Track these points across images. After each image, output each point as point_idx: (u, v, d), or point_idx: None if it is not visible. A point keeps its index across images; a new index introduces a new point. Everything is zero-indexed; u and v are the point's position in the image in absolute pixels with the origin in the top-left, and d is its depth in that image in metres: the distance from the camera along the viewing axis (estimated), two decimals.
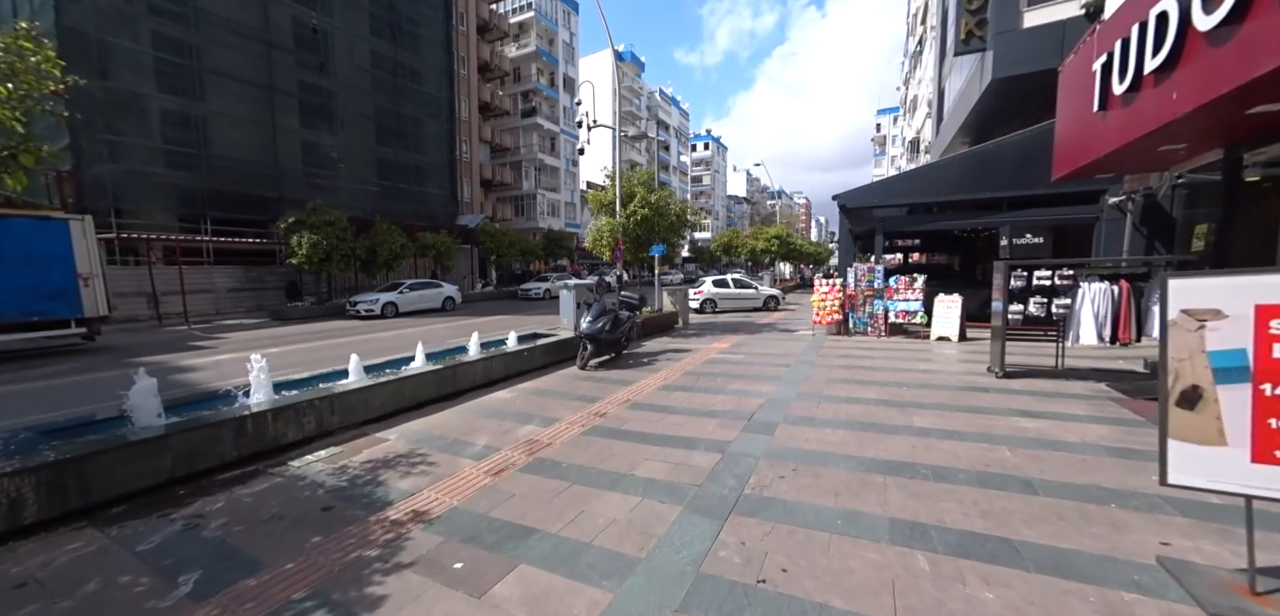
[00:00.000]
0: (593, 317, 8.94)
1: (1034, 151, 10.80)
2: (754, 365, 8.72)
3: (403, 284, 21.35)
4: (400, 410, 6.14)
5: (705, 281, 19.92)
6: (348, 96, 28.84)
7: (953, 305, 10.43)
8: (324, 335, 14.70)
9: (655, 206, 12.68)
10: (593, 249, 12.94)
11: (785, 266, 43.46)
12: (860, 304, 11.68)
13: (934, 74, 25.72)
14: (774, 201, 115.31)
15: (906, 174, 12.11)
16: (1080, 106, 6.61)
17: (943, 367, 8.03)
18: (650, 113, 72.75)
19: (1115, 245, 10.29)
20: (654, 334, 13.13)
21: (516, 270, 41.61)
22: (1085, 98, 6.31)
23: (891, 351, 9.62)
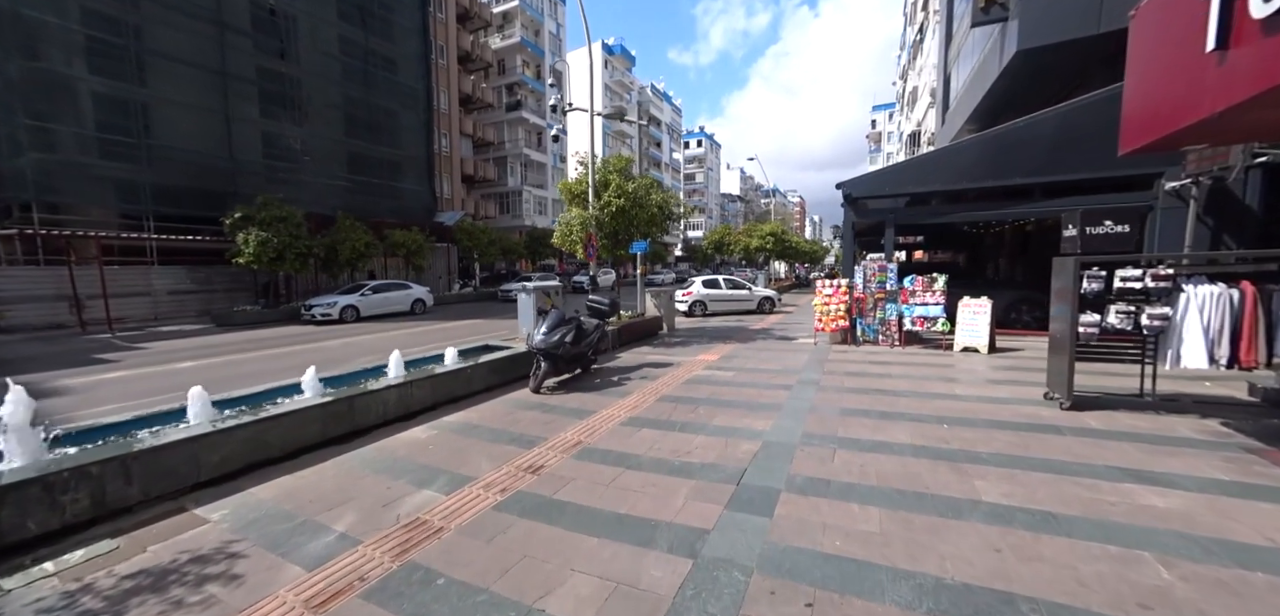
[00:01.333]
0: (548, 328, 7.27)
1: (1073, 130, 9.25)
2: (747, 386, 7.08)
3: (366, 285, 19.54)
4: (262, 463, 4.44)
5: (694, 282, 18.28)
6: (314, 85, 26.92)
7: (980, 310, 8.85)
8: (264, 344, 12.90)
9: (633, 196, 11.02)
10: (561, 245, 11.29)
11: (780, 265, 41.95)
12: (870, 308, 10.08)
13: (938, 60, 24.24)
14: (768, 200, 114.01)
15: (921, 159, 10.52)
16: (1172, 55, 5.00)
17: (984, 392, 6.42)
18: (641, 108, 71.06)
19: (1174, 239, 8.76)
20: (633, 342, 11.47)
21: (501, 270, 39.82)
22: (1184, 40, 4.69)
23: (912, 367, 8.02)
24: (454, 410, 6.21)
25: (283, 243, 17.64)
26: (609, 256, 12.33)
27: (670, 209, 12.08)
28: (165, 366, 10.18)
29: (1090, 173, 9.20)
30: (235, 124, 23.10)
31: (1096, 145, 9.15)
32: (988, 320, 8.75)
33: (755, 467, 4.21)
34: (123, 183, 19.67)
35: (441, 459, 4.65)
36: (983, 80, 15.49)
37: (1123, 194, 9.14)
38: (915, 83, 34.18)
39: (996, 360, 8.26)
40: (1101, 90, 8.97)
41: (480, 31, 45.89)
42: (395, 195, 31.16)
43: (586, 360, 8.25)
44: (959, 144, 10.20)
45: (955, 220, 10.60)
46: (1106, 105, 9.03)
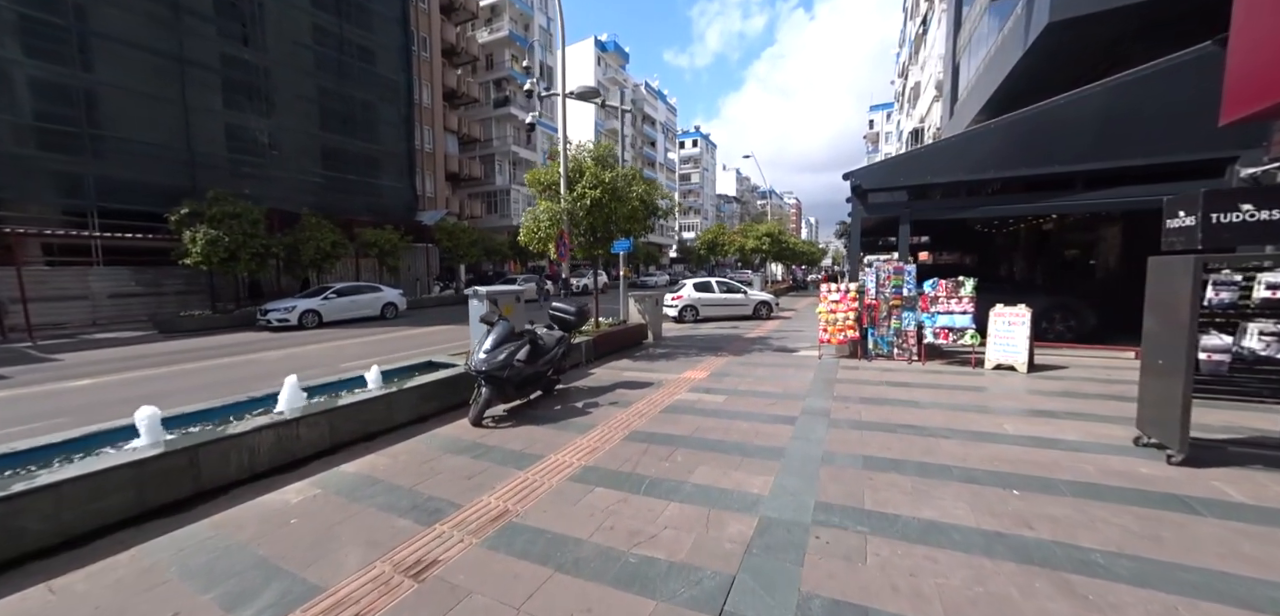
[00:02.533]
0: (491, 345, 5.83)
1: (1124, 109, 7.90)
2: (739, 418, 5.67)
3: (329, 288, 18.01)
4: (14, 561, 2.98)
5: (684, 284, 16.86)
6: (283, 75, 25.38)
7: (1018, 321, 7.47)
8: (196, 356, 11.37)
9: (611, 187, 9.59)
10: (527, 244, 9.86)
11: (777, 267, 40.65)
12: (883, 317, 8.69)
13: (945, 51, 22.99)
14: (764, 201, 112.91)
15: (941, 145, 9.17)
16: None
17: (1045, 430, 5.02)
18: (635, 106, 69.67)
19: None
20: (612, 353, 10.04)
21: (488, 271, 38.30)
22: None
23: (940, 390, 6.62)
24: (361, 452, 4.76)
25: (236, 241, 16.09)
26: (587, 257, 10.90)
27: (654, 202, 10.65)
28: (58, 384, 8.66)
29: (1145, 158, 7.85)
30: (195, 114, 21.54)
31: (1153, 126, 7.82)
32: (1027, 332, 7.37)
33: (748, 576, 2.78)
34: (63, 176, 18.06)
35: (294, 547, 3.20)
36: (1001, 64, 14.17)
37: (1185, 183, 7.78)
38: (918, 78, 32.96)
39: (1041, 382, 6.87)
40: (1162, 61, 7.63)
41: (467, 24, 44.40)
42: (373, 192, 29.64)
43: (547, 381, 6.82)
44: (984, 128, 8.85)
45: (982, 215, 9.25)
46: (1165, 79, 7.70)
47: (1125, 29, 10.20)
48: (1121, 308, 10.69)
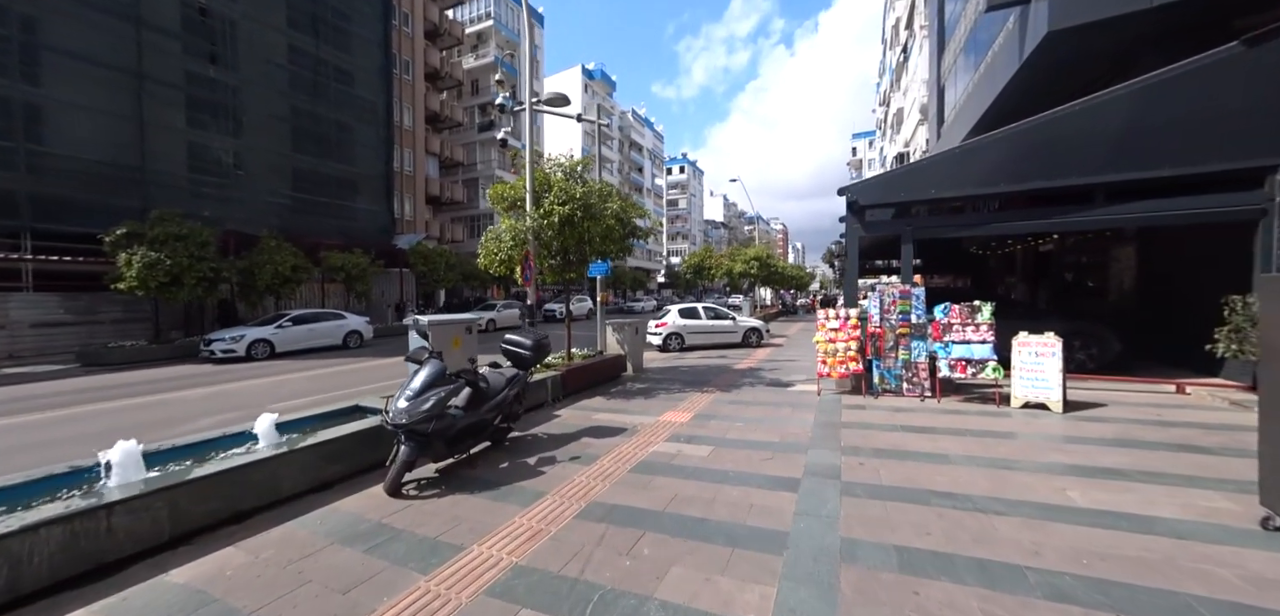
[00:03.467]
0: (419, 388, 4.63)
1: (1150, 115, 7.11)
2: (728, 482, 4.50)
3: (285, 315, 16.59)
4: None
5: (669, 311, 15.79)
6: (254, 94, 24.33)
7: (1046, 351, 6.46)
8: (109, 394, 9.91)
9: (582, 203, 8.54)
10: (487, 267, 8.74)
11: (766, 292, 39.92)
12: (889, 347, 7.65)
13: (929, 75, 22.77)
14: (751, 226, 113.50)
15: (944, 156, 8.32)
16: None
17: (1123, 499, 3.90)
18: (622, 133, 69.86)
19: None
20: (585, 389, 8.85)
21: (469, 297, 36.92)
22: None
23: (970, 439, 5.53)
24: (216, 542, 3.50)
25: (180, 265, 14.69)
26: (558, 281, 9.78)
27: (632, 221, 9.61)
28: None
29: (1174, 169, 7.03)
30: (153, 131, 20.28)
31: (1184, 133, 7.02)
32: (1059, 365, 6.36)
33: None
34: None
35: None
36: (992, 82, 13.62)
37: (1219, 195, 6.97)
38: (900, 104, 33.00)
39: (1085, 425, 5.82)
40: (1189, 62, 6.88)
41: (453, 49, 44.05)
42: (348, 215, 28.41)
43: (496, 430, 5.61)
44: (992, 137, 8.02)
45: (995, 232, 8.36)
46: (1193, 82, 6.93)
47: (1127, 39, 9.59)
48: (1144, 332, 9.85)
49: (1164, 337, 9.30)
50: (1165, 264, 9.33)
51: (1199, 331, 8.83)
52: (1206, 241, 8.17)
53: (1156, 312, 9.50)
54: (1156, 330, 9.41)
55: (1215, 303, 8.07)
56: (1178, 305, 8.91)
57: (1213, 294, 8.21)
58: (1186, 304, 8.80)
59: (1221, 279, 8.07)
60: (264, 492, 4.01)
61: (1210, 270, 8.31)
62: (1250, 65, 6.65)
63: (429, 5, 38.70)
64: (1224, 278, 8.04)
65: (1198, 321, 8.70)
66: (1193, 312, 8.77)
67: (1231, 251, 7.99)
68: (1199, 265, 8.46)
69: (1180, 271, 8.95)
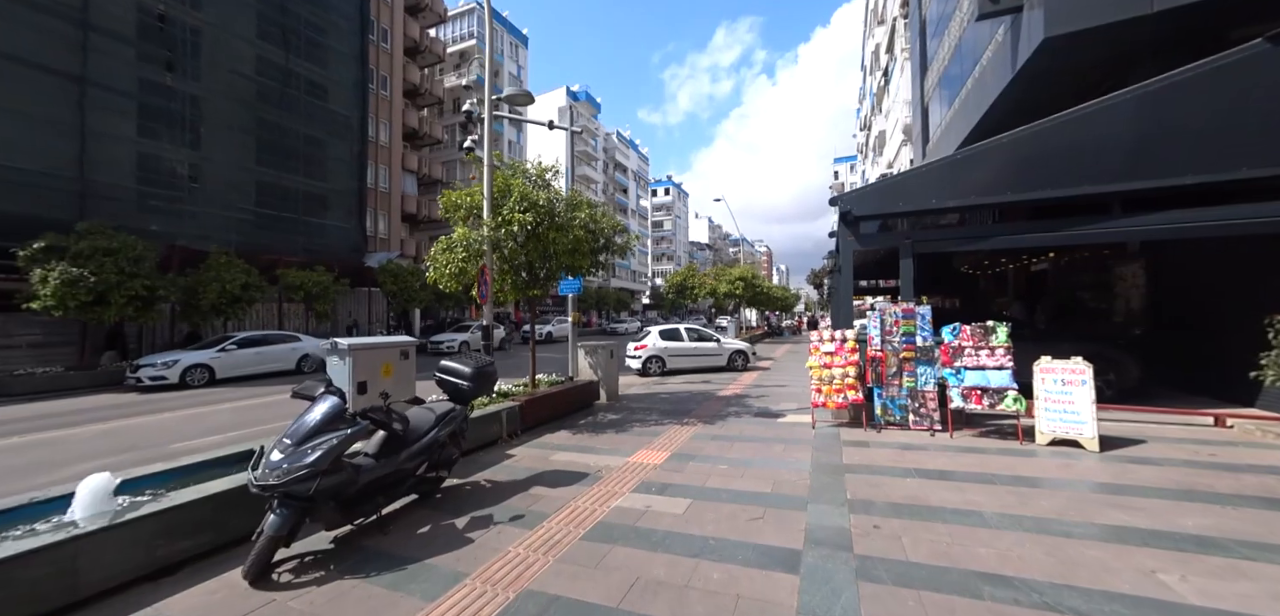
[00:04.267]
0: (302, 436, 3.50)
1: (1175, 116, 6.45)
2: (707, 557, 3.45)
3: (230, 338, 15.15)
4: None
5: (649, 332, 14.79)
6: (217, 105, 23.12)
7: (1074, 379, 5.60)
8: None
9: (546, 212, 7.56)
10: (436, 283, 7.66)
11: (752, 313, 39.24)
12: (892, 374, 6.73)
13: (912, 96, 22.61)
14: (736, 248, 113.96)
15: (949, 162, 7.60)
16: None
17: (1256, 593, 2.96)
18: (607, 154, 69.72)
19: None
20: (548, 421, 7.74)
21: (446, 318, 35.43)
22: None
23: (1004, 490, 4.57)
24: None
25: (107, 281, 13.24)
26: (521, 298, 8.73)
27: (604, 232, 8.64)
28: None
29: (1198, 176, 6.34)
30: (96, 141, 18.86)
31: (1209, 138, 6.35)
32: (1090, 395, 5.49)
33: None
34: None
35: None
36: (981, 95, 13.16)
37: (1251, 204, 6.29)
38: (882, 127, 33.10)
39: (1134, 470, 4.90)
40: (1217, 59, 6.25)
41: (434, 68, 43.37)
42: (316, 232, 27.04)
43: (421, 481, 4.50)
44: (999, 142, 7.29)
45: (1009, 245, 7.58)
46: (1220, 81, 6.30)
47: (1124, 47, 9.08)
48: (1157, 356, 9.11)
49: (1181, 362, 8.58)
50: (1179, 281, 8.68)
51: (1221, 354, 8.16)
52: (1228, 256, 7.52)
53: (1171, 335, 8.79)
54: (1171, 354, 8.69)
55: (1241, 323, 7.47)
56: (1197, 326, 8.22)
57: (1237, 314, 7.60)
58: (1206, 325, 8.12)
59: (1246, 297, 7.45)
60: (49, 593, 2.82)
61: (1233, 288, 7.65)
62: (1277, 63, 6.04)
63: (410, 23, 38.04)
64: (1249, 295, 7.44)
65: (1219, 344, 8.05)
66: (1213, 334, 8.08)
67: (1255, 267, 7.35)
68: (1220, 282, 7.80)
69: (1197, 289, 8.28)
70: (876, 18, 33.56)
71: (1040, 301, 13.51)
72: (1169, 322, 8.88)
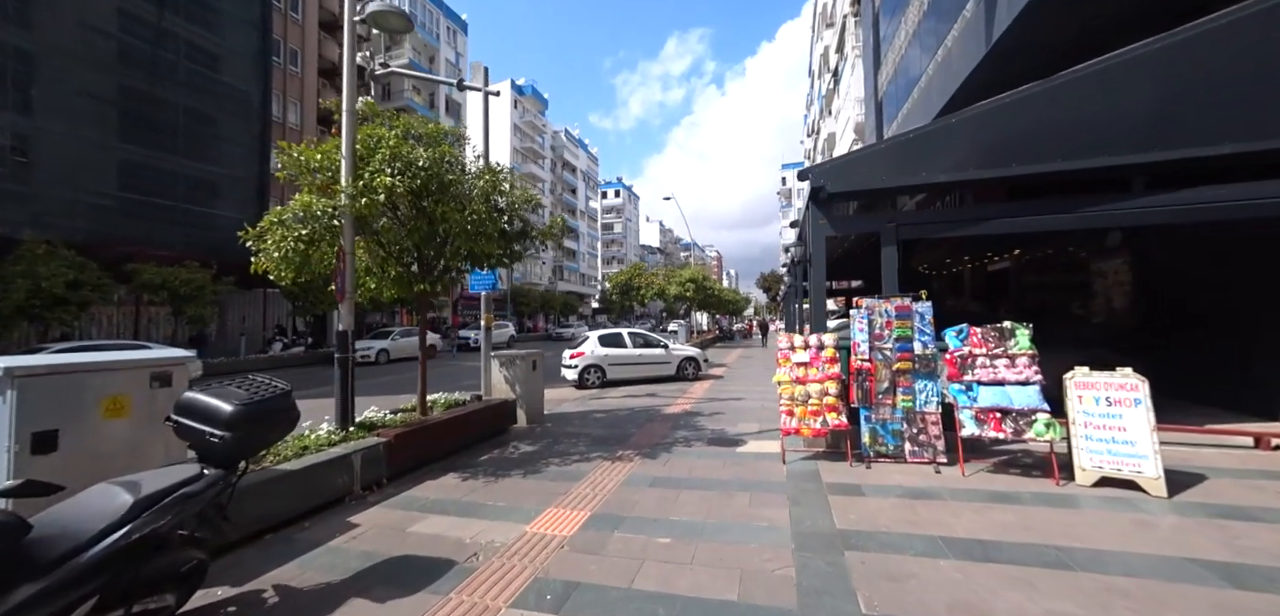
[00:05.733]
0: None
1: (1205, 71, 5.34)
2: None
3: (44, 351, 11.72)
4: None
5: (587, 338, 12.86)
6: (60, 65, 18.92)
7: (1125, 397, 4.26)
8: None
9: (435, 176, 5.50)
10: (262, 271, 5.40)
11: (702, 317, 38.15)
12: (883, 391, 5.20)
13: (863, 93, 22.16)
14: (687, 252, 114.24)
15: (945, 128, 6.12)
16: None
17: None
18: (555, 153, 67.11)
19: None
20: (435, 460, 5.66)
21: (373, 323, 31.54)
22: None
23: (1090, 583, 3.02)
24: None
25: None
26: (407, 295, 6.53)
27: (516, 209, 6.62)
28: None
29: (1236, 145, 5.27)
30: None
31: (1243, 101, 5.29)
32: (1149, 419, 4.14)
33: None
34: None
35: None
36: (948, 78, 12.31)
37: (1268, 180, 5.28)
38: (832, 129, 33.05)
39: (1240, 529, 3.55)
40: (1246, 6, 5.19)
41: (360, 46, 39.27)
42: (201, 224, 22.92)
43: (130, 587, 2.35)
44: (1002, 104, 5.98)
45: (1000, 231, 6.29)
46: (1253, 31, 5.24)
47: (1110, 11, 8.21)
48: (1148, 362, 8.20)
49: (1180, 369, 7.67)
50: (1170, 277, 7.83)
51: (1233, 360, 7.16)
52: (1241, 246, 6.60)
53: (1167, 339, 7.88)
54: (1168, 361, 7.82)
55: (1251, 323, 6.64)
56: (1200, 329, 7.31)
57: (1252, 314, 6.78)
58: (1212, 327, 7.22)
59: (1254, 293, 6.58)
60: None
61: (1247, 284, 6.76)
62: None
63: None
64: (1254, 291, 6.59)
65: (1231, 349, 6.85)
66: (1221, 338, 7.12)
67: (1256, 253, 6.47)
68: (1228, 278, 6.92)
69: (1199, 287, 7.42)
70: (825, 21, 33.56)
71: (1001, 303, 12.82)
72: (1153, 325, 8.00)
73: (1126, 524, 3.60)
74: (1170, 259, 7.71)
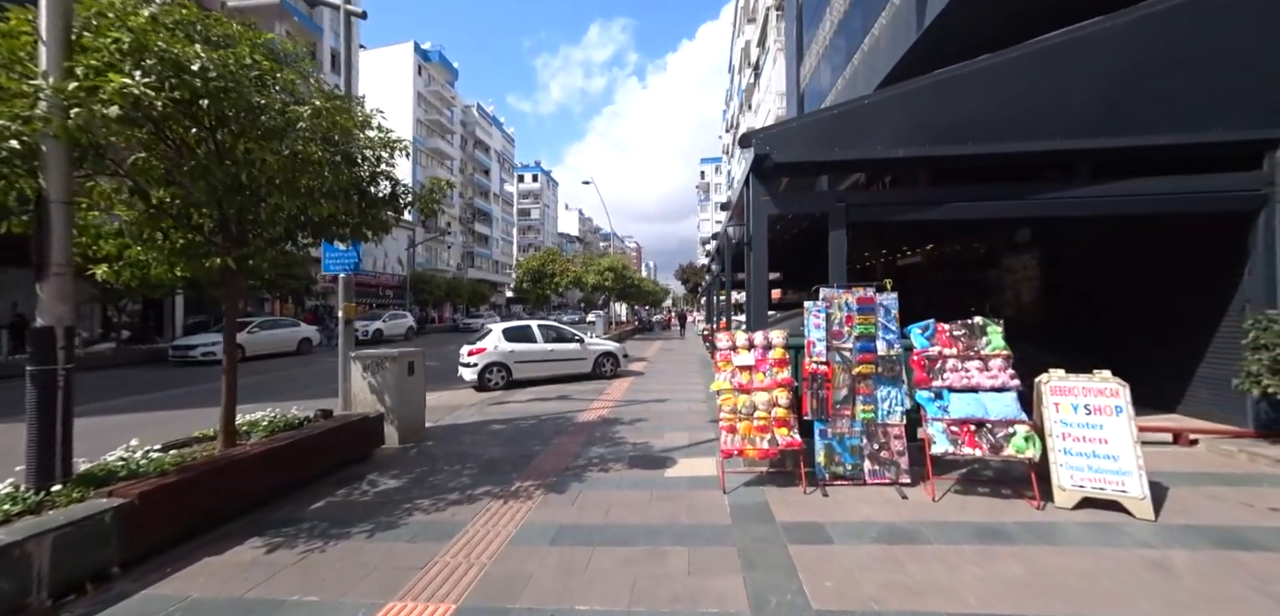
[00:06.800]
0: None
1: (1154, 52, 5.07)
2: None
3: None
4: None
5: (490, 331, 11.07)
6: None
7: (1105, 404, 3.72)
8: None
9: (217, 89, 3.58)
10: None
11: (621, 307, 37.17)
12: (842, 400, 4.30)
13: (787, 86, 22.29)
14: (607, 242, 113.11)
15: (913, 91, 5.29)
16: None
17: None
18: (465, 129, 62.05)
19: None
20: (233, 518, 3.79)
21: (207, 320, 25.81)
22: None
23: None
24: None
25: None
26: (196, 275, 4.47)
27: (363, 152, 4.80)
28: None
29: (1169, 136, 5.07)
30: None
31: (1184, 89, 5.11)
32: (1132, 429, 3.61)
33: None
34: None
35: None
36: (872, 70, 12.19)
37: (1213, 176, 5.20)
38: (751, 123, 33.54)
39: (1230, 558, 3.03)
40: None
41: None
42: None
43: None
44: (965, 73, 5.36)
45: (951, 217, 5.76)
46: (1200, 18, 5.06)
47: None
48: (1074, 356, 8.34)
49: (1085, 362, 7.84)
50: (1078, 272, 8.00)
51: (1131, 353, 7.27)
52: (1134, 240, 6.70)
53: (1073, 332, 8.04)
54: (1072, 353, 8.00)
55: (1152, 318, 6.97)
56: (1104, 322, 7.45)
57: (1148, 308, 6.69)
58: (1112, 320, 7.36)
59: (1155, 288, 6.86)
60: None
61: (1140, 276, 6.91)
62: None
63: None
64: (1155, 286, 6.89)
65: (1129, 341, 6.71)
66: (1120, 331, 7.14)
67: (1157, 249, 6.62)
68: (1125, 271, 7.06)
69: (1100, 280, 7.58)
70: (747, 16, 33.84)
71: (913, 298, 13.10)
72: (1073, 318, 8.11)
73: (1139, 567, 2.94)
74: (1080, 253, 7.87)
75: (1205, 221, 5.51)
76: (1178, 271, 6.16)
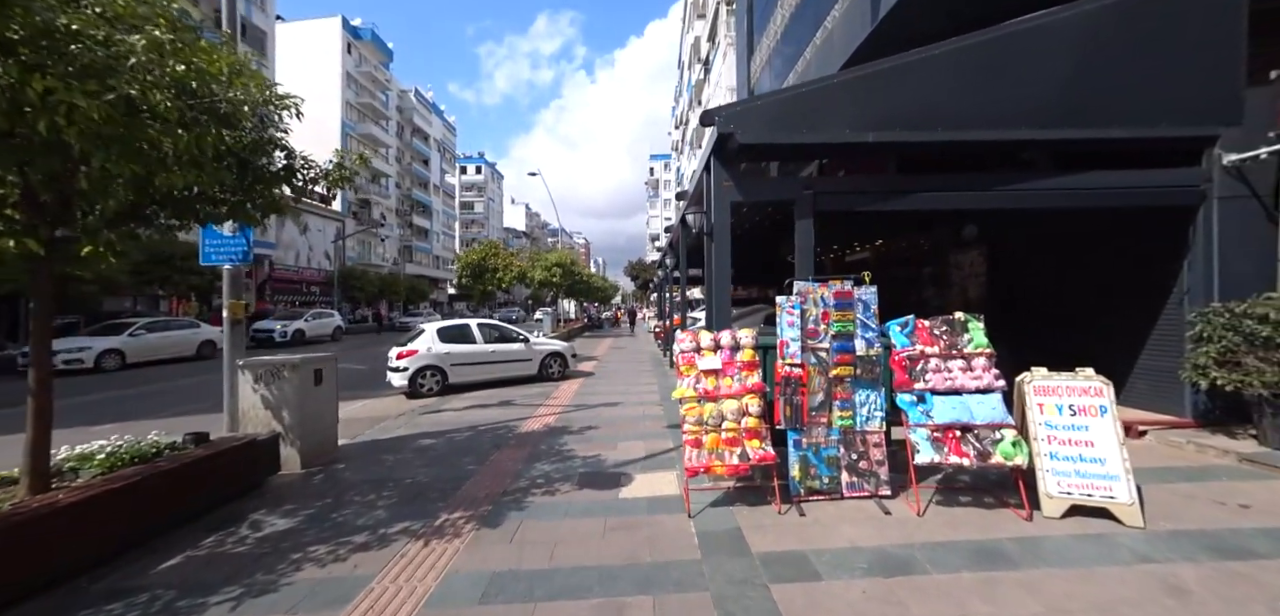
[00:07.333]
0: None
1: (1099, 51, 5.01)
2: None
3: None
4: None
5: (423, 331, 9.93)
6: None
7: (1090, 404, 3.49)
8: None
9: None
10: None
11: (570, 304, 36.12)
12: (818, 407, 3.86)
13: (737, 80, 22.23)
14: (554, 238, 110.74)
15: (896, 69, 4.92)
16: None
17: None
18: (402, 115, 58.19)
19: (1238, 246, 5.11)
20: (85, 574, 2.73)
21: (128, 309, 22.42)
22: None
23: None
24: None
25: None
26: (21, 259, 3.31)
27: (230, 99, 3.79)
28: None
29: (1123, 130, 5.06)
30: None
31: (1138, 83, 5.10)
32: (1117, 429, 3.40)
33: None
34: None
35: None
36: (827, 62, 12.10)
37: (1157, 171, 5.26)
38: None
39: (1231, 570, 2.83)
40: None
41: None
42: None
43: None
44: (931, 54, 5.09)
45: (917, 207, 5.49)
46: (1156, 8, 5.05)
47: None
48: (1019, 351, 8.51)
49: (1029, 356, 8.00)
50: (1021, 267, 8.16)
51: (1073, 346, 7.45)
52: (1074, 235, 6.83)
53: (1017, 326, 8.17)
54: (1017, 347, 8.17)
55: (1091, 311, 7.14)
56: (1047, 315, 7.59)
57: (1088, 301, 6.67)
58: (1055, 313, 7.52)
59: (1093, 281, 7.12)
60: None
61: (1078, 270, 7.07)
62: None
63: None
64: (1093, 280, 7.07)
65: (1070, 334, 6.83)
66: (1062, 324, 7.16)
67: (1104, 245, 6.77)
68: (1064, 266, 7.21)
69: (1042, 274, 7.73)
70: (696, 11, 33.74)
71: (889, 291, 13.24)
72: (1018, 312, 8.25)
73: (1157, 591, 2.66)
74: (1024, 249, 8.02)
75: (1145, 216, 5.61)
76: (1118, 266, 6.30)
